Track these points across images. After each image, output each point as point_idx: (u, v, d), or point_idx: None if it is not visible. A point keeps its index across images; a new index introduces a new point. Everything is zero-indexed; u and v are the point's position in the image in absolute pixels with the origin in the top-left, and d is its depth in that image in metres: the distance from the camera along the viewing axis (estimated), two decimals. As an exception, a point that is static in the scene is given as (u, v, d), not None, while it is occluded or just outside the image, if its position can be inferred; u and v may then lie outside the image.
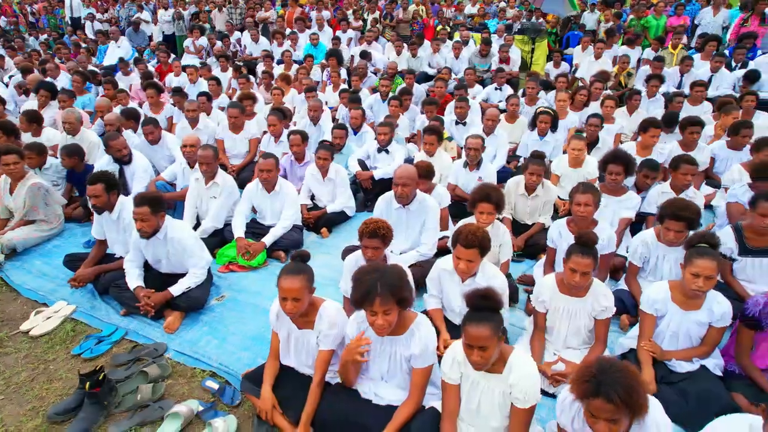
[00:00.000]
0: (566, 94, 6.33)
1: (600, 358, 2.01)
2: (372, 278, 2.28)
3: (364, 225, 3.03)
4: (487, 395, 2.28)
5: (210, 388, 2.89)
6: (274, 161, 4.22)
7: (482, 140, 4.66)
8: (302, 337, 2.69)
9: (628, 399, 1.80)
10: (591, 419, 1.90)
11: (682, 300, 2.89)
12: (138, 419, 2.65)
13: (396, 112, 6.24)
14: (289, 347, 2.76)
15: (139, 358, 3.08)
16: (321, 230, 4.65)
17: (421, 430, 2.34)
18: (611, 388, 1.80)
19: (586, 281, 2.82)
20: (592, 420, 1.89)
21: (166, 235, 3.50)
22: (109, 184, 3.65)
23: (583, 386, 1.88)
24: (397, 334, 2.47)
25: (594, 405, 1.84)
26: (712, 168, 5.28)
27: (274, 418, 2.62)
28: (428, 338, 2.43)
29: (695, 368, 2.86)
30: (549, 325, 3.04)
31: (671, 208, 3.34)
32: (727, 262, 3.51)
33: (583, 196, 3.45)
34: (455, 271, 3.00)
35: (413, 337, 2.44)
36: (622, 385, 1.81)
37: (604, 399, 1.80)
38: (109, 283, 3.62)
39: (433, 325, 3.05)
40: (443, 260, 3.14)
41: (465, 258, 2.86)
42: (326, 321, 2.58)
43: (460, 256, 2.88)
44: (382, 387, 2.59)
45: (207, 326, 3.47)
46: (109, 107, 6.07)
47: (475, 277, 2.99)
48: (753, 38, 7.93)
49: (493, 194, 3.50)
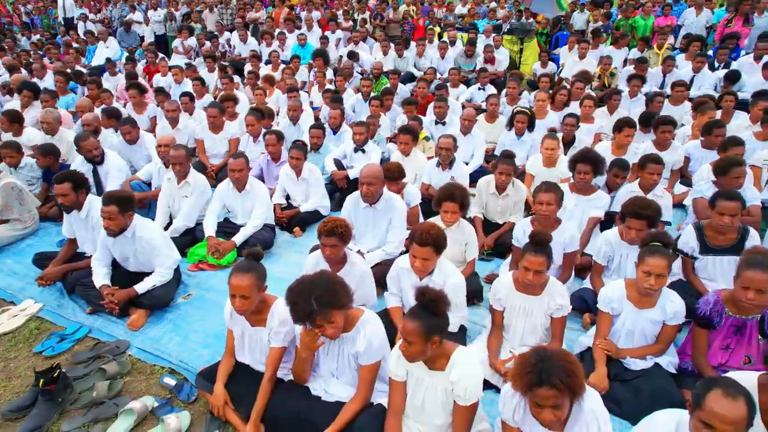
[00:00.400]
0: (545, 93, 6.36)
1: (535, 348, 2.04)
2: (305, 297, 2.26)
3: (322, 224, 3.06)
4: (430, 392, 2.31)
5: (167, 385, 2.92)
6: (244, 161, 4.25)
7: (454, 140, 4.68)
8: (255, 335, 2.72)
9: (570, 382, 1.86)
10: (536, 409, 1.93)
11: (636, 298, 2.91)
12: (92, 416, 2.67)
13: (377, 112, 6.27)
14: (243, 345, 2.79)
15: (100, 355, 3.11)
16: (294, 229, 4.67)
17: (366, 426, 2.37)
18: (553, 375, 1.85)
19: (540, 279, 2.84)
20: (538, 410, 1.92)
21: (134, 233, 3.52)
22: (76, 183, 3.68)
23: (525, 378, 1.91)
24: (344, 331, 2.49)
25: (539, 394, 1.87)
26: (686, 167, 5.30)
27: (225, 414, 2.65)
28: (373, 336, 2.45)
29: (649, 366, 2.88)
30: (506, 323, 3.06)
31: (632, 207, 3.37)
32: (689, 261, 3.53)
33: (545, 195, 3.47)
34: (413, 270, 3.02)
35: (359, 335, 2.46)
36: (562, 369, 1.86)
37: (548, 386, 1.84)
38: (75, 282, 3.65)
39: (392, 323, 3.14)
40: (402, 258, 3.17)
41: (420, 256, 2.88)
42: (277, 318, 2.60)
43: (415, 254, 2.90)
44: (333, 384, 2.62)
45: (171, 324, 3.49)
46: (89, 107, 6.10)
47: (432, 275, 3.01)
48: (736, 39, 7.95)
49: (457, 193, 3.53)
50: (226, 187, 4.38)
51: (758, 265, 2.61)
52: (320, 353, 2.62)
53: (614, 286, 3.01)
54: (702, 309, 2.84)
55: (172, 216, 4.49)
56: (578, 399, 1.96)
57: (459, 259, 3.79)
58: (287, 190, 4.87)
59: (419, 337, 2.12)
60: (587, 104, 6.01)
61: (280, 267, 4.20)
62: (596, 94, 7.62)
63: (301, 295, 2.27)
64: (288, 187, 4.85)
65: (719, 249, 3.42)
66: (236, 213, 4.44)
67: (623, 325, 2.95)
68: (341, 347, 2.54)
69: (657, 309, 2.88)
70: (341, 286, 2.35)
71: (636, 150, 5.15)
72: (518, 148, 5.69)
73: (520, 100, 6.93)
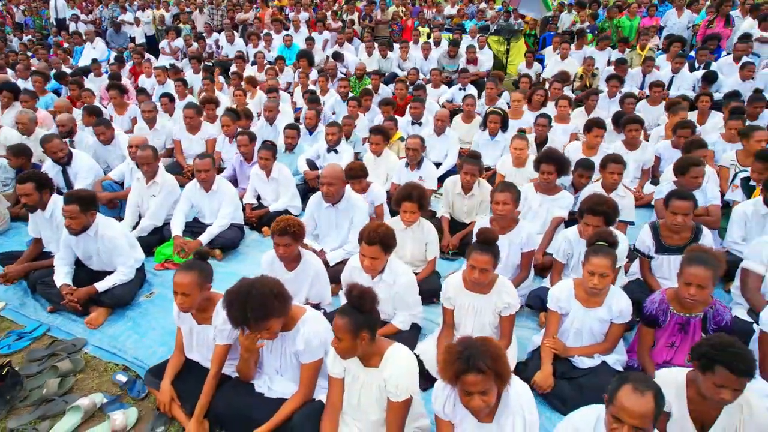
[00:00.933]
0: (521, 94, 6.39)
1: (460, 338, 2.07)
2: (239, 308, 2.28)
3: (275, 223, 3.09)
4: (366, 389, 2.34)
5: (119, 382, 2.95)
6: (210, 161, 4.29)
7: (421, 140, 4.72)
8: (202, 332, 2.76)
9: (496, 366, 1.90)
10: (466, 397, 1.96)
11: (584, 297, 2.93)
12: (39, 413, 2.70)
13: (354, 113, 6.30)
14: (191, 342, 2.82)
15: (55, 353, 3.14)
16: (263, 229, 4.71)
17: (303, 422, 2.40)
18: (480, 360, 1.89)
19: (486, 278, 2.85)
20: (467, 398, 1.95)
21: (96, 232, 3.56)
22: (39, 183, 3.71)
23: (453, 367, 1.94)
24: (286, 330, 2.52)
25: (467, 380, 1.91)
26: (657, 167, 5.32)
27: (171, 410, 2.68)
28: (313, 334, 2.48)
29: (596, 364, 2.91)
30: (456, 321, 3.08)
31: (588, 203, 3.40)
32: (646, 260, 3.56)
33: (501, 195, 3.50)
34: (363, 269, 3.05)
35: (298, 334, 2.50)
36: (488, 354, 1.91)
37: (475, 371, 1.88)
38: (37, 281, 3.68)
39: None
40: (354, 258, 3.19)
41: (369, 255, 2.91)
42: (222, 317, 2.62)
43: (364, 253, 2.93)
44: (276, 381, 2.65)
45: (131, 322, 3.53)
46: (67, 108, 6.15)
47: (382, 274, 3.04)
48: (717, 40, 7.98)
49: (415, 193, 3.56)
50: (194, 187, 4.41)
51: (699, 261, 2.64)
52: (264, 351, 2.65)
53: (563, 285, 3.04)
54: (648, 308, 2.87)
55: (141, 215, 4.52)
56: (505, 386, 2.00)
57: (420, 258, 3.83)
58: (258, 190, 4.91)
59: (348, 334, 2.15)
60: (562, 104, 6.04)
61: (246, 266, 4.24)
62: (578, 95, 7.67)
63: (235, 305, 2.29)
64: (258, 187, 4.88)
65: (674, 248, 3.44)
66: (204, 213, 4.47)
67: (572, 324, 2.98)
68: (283, 345, 2.57)
69: (604, 308, 2.90)
70: (276, 296, 2.33)
71: (606, 150, 5.17)
72: (492, 149, 5.74)
73: (499, 100, 6.95)
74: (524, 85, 7.21)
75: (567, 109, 6.08)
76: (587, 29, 10.06)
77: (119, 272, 3.60)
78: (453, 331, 3.11)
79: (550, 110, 6.36)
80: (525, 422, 2.07)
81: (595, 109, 6.38)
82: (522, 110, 6.31)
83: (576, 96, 7.48)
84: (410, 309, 3.13)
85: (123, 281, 3.60)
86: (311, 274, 3.20)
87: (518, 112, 6.24)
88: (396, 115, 6.35)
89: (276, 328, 2.37)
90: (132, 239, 3.84)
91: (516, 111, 6.22)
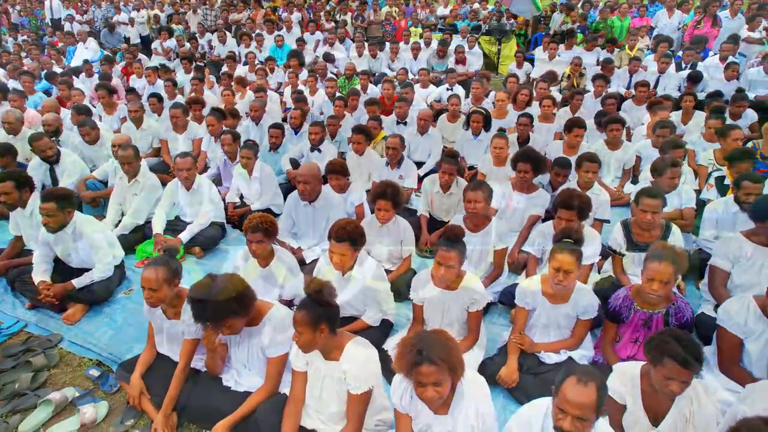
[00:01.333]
0: (504, 93, 6.43)
1: (416, 332, 2.12)
2: (200, 308, 2.36)
3: (248, 220, 3.14)
4: (326, 382, 2.38)
5: (91, 376, 2.99)
6: (191, 160, 4.33)
7: (401, 139, 4.76)
8: (172, 328, 2.80)
9: (448, 357, 1.95)
10: (420, 389, 2.00)
11: (551, 293, 2.97)
12: (11, 407, 2.75)
13: (340, 112, 6.35)
14: (162, 337, 2.87)
15: (30, 348, 3.18)
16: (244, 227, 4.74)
17: (266, 414, 2.44)
18: (431, 352, 1.94)
19: (452, 274, 2.89)
20: (421, 389, 2.00)
21: (74, 230, 3.61)
22: (19, 181, 3.76)
23: (407, 359, 1.99)
24: (252, 325, 2.57)
25: (421, 372, 1.95)
26: (638, 166, 5.36)
27: (141, 403, 2.73)
28: (278, 329, 2.53)
29: (563, 359, 2.95)
30: (425, 317, 3.13)
31: (561, 197, 3.46)
32: (618, 257, 3.60)
33: (472, 194, 3.54)
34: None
35: (264, 328, 2.54)
36: (440, 346, 1.96)
37: (428, 362, 1.93)
38: (16, 278, 3.72)
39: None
40: (324, 255, 3.24)
41: (338, 252, 2.96)
42: (189, 312, 2.67)
43: (333, 250, 2.98)
44: (244, 375, 2.70)
45: (108, 318, 3.58)
46: (55, 107, 6.19)
47: (352, 270, 3.08)
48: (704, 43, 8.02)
49: (389, 191, 3.60)
50: (175, 186, 4.46)
51: (662, 257, 2.68)
52: (231, 346, 2.70)
53: (531, 281, 3.08)
54: (612, 303, 2.92)
55: (124, 214, 4.56)
56: (459, 378, 2.05)
57: (397, 255, 3.87)
58: (240, 188, 4.95)
59: (306, 327, 2.20)
60: (546, 104, 6.07)
61: (227, 264, 4.27)
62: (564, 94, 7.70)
63: (198, 304, 2.37)
64: (240, 186, 4.92)
65: (644, 246, 3.47)
66: (185, 211, 4.51)
67: (539, 320, 3.02)
68: (250, 340, 2.62)
69: (570, 304, 2.95)
70: (236, 297, 2.39)
71: (588, 149, 5.20)
72: (475, 148, 5.78)
73: (485, 100, 6.99)
74: (512, 85, 7.24)
75: (551, 108, 6.12)
76: (577, 29, 10.10)
77: (97, 269, 3.64)
78: (423, 327, 3.15)
79: (534, 110, 6.40)
80: (478, 413, 2.12)
81: (580, 109, 6.42)
82: (506, 110, 6.35)
83: (562, 96, 7.51)
84: (380, 305, 3.17)
85: (101, 278, 3.64)
86: (284, 270, 3.24)
87: (503, 111, 6.28)
88: (383, 115, 6.39)
89: (237, 326, 2.43)
90: (111, 237, 3.88)
91: (500, 110, 6.26)
